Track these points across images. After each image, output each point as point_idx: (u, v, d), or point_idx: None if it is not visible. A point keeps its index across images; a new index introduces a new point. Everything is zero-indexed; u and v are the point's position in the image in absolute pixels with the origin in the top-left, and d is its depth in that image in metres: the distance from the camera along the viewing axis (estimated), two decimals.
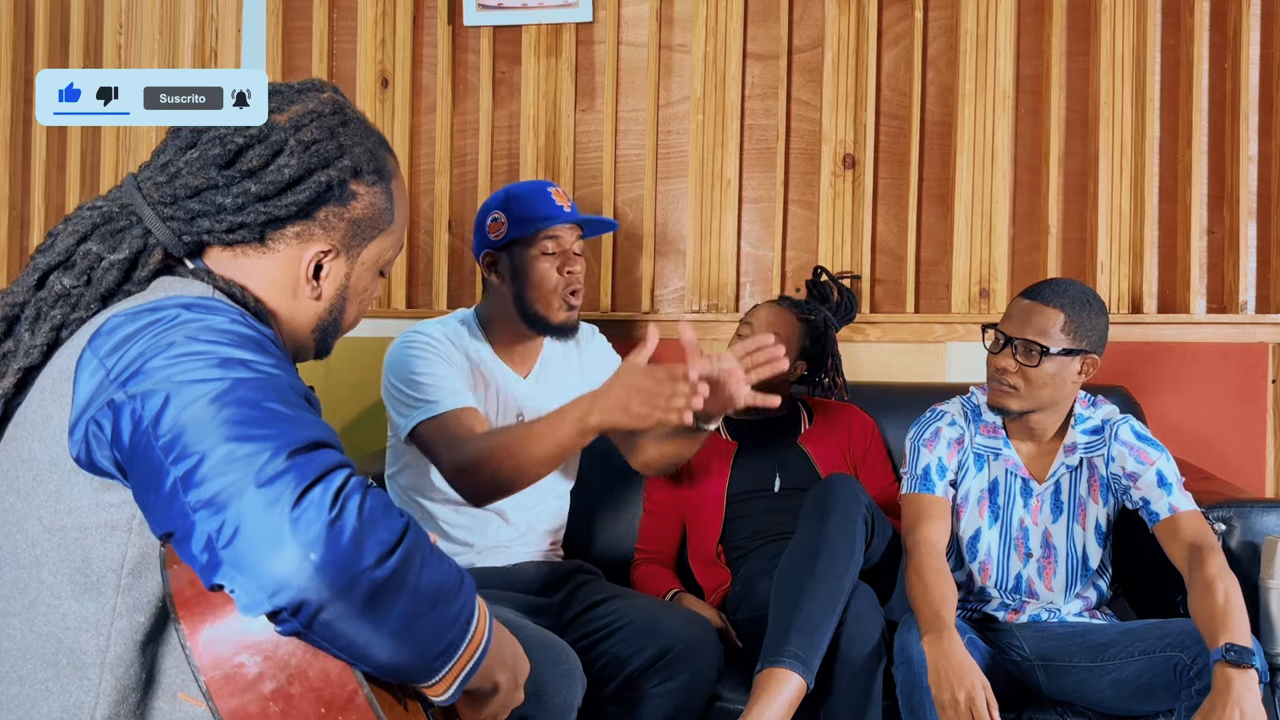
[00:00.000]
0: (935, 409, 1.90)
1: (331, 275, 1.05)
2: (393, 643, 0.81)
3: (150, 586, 0.88)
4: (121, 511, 0.88)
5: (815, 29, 2.47)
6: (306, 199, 1.00)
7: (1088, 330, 1.73)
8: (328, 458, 0.82)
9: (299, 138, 1.01)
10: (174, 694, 0.88)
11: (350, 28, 2.59)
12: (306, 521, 0.77)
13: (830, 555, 1.67)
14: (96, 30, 2.70)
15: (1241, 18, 2.33)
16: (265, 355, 0.88)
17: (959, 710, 1.48)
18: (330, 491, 0.79)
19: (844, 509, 1.71)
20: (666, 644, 1.65)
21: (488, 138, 2.55)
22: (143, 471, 0.83)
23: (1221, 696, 1.42)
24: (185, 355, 0.84)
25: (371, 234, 1.07)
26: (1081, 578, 1.81)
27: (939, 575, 1.68)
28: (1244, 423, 2.34)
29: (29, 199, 2.74)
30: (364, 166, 1.04)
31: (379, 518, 0.81)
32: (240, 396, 0.82)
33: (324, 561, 0.76)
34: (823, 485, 1.79)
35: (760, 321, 2.07)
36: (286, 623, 0.78)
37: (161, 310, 0.89)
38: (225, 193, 0.98)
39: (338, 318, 1.09)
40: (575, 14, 2.49)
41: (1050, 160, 2.40)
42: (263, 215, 0.99)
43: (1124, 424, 1.80)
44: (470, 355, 1.85)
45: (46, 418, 0.91)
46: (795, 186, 2.48)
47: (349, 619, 0.78)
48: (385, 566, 0.79)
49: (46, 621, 0.87)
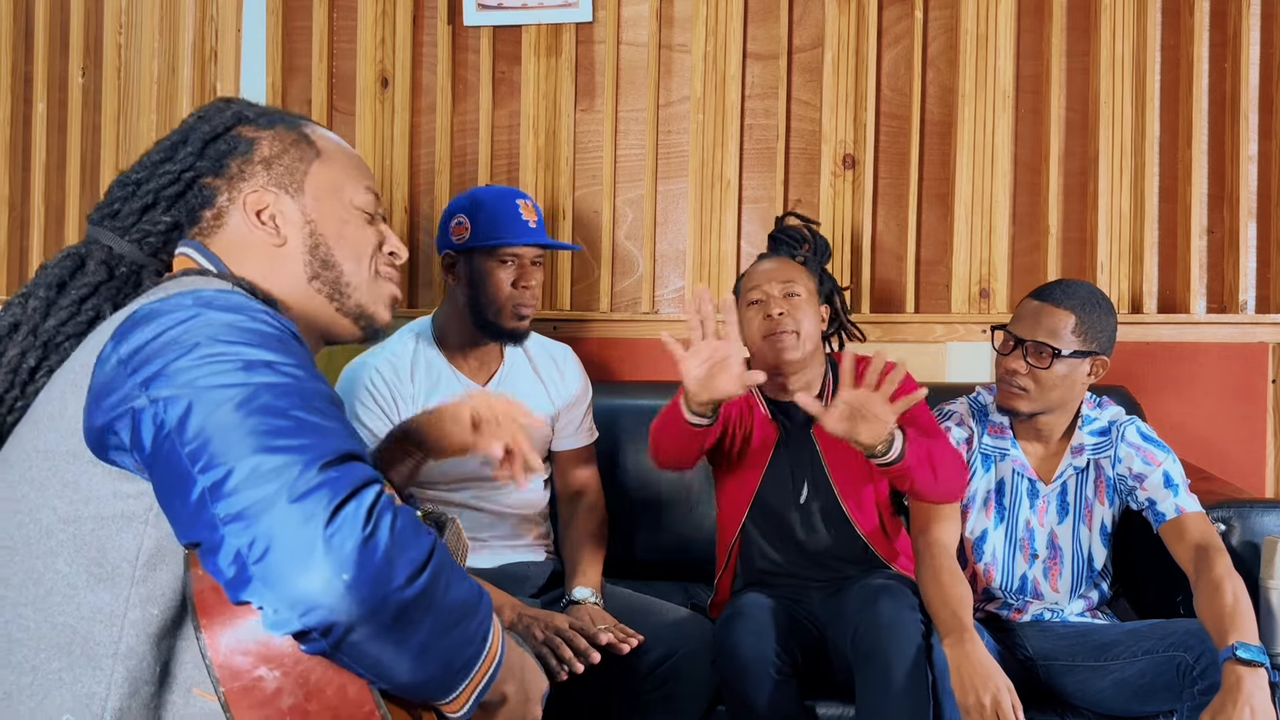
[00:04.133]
0: (942, 408, 1.90)
1: (283, 215, 1.06)
2: (416, 661, 0.81)
3: (165, 579, 0.88)
4: (139, 502, 0.88)
5: (815, 29, 2.47)
6: (196, 150, 1.05)
7: (1098, 332, 1.73)
8: (359, 472, 0.82)
9: (186, 121, 1.11)
10: (189, 689, 0.87)
11: (350, 28, 2.59)
12: (340, 539, 0.76)
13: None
14: (96, 30, 2.70)
15: (1241, 18, 2.34)
16: (288, 355, 0.88)
17: (984, 713, 1.48)
18: (363, 508, 0.79)
19: (907, 670, 1.57)
20: (670, 649, 1.65)
21: (488, 138, 2.55)
22: (167, 476, 0.82)
23: (1232, 694, 1.42)
24: (209, 358, 0.84)
25: (299, 166, 1.07)
26: (1086, 579, 1.81)
27: (954, 577, 1.67)
28: (1244, 423, 2.34)
29: (29, 199, 2.73)
30: (247, 114, 1.09)
31: (410, 536, 0.81)
32: (266, 404, 0.82)
33: (356, 581, 0.76)
34: (873, 638, 1.61)
35: (771, 279, 1.85)
36: (315, 643, 0.78)
37: (183, 307, 0.89)
38: (145, 178, 1.07)
39: (329, 263, 1.07)
40: (575, 14, 2.49)
41: (1050, 160, 2.40)
42: (168, 175, 1.05)
43: (1130, 425, 1.80)
44: (423, 368, 1.88)
45: (64, 409, 0.91)
46: (795, 186, 2.48)
47: (377, 639, 0.78)
48: (415, 586, 0.79)
49: (61, 611, 0.87)
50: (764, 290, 1.84)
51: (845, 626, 1.68)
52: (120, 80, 2.68)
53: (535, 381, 1.96)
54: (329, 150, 1.11)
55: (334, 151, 1.11)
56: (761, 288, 1.85)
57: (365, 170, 1.14)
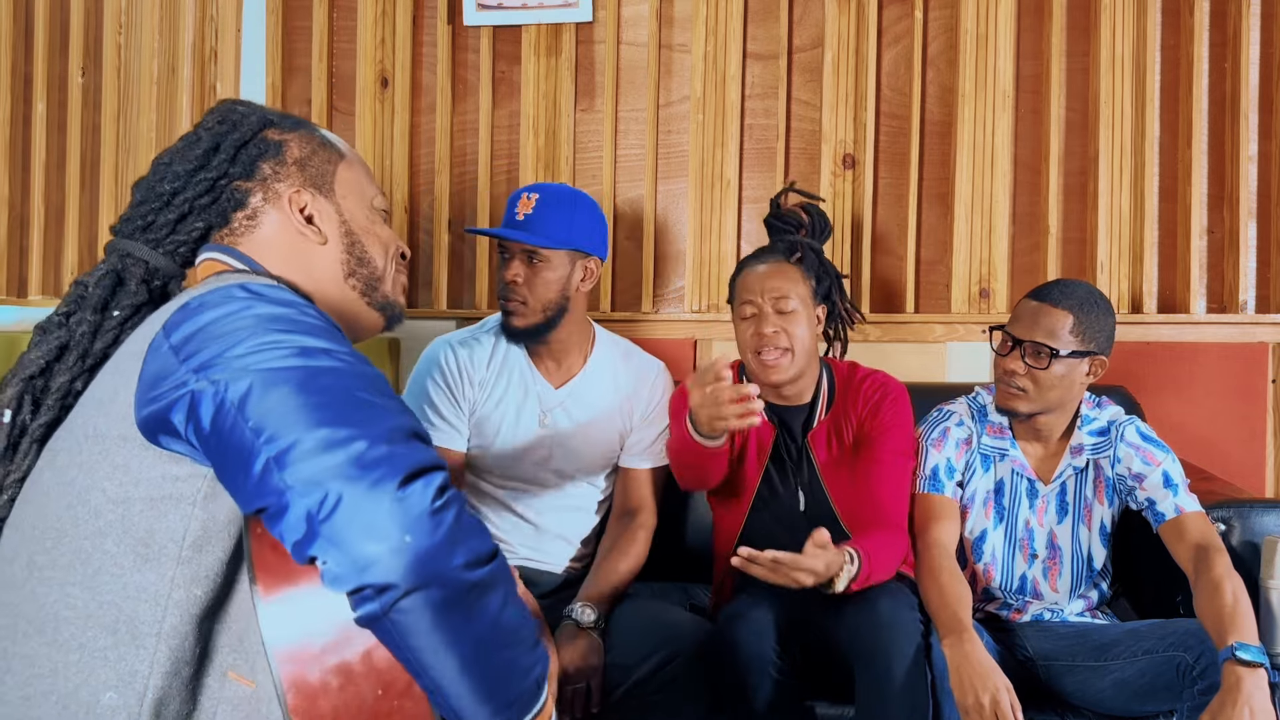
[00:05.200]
0: (942, 408, 1.89)
1: (322, 214, 1.10)
2: (460, 664, 0.81)
3: (210, 561, 0.89)
4: (189, 485, 0.89)
5: (815, 29, 2.47)
6: (229, 156, 1.07)
7: (1096, 331, 1.73)
8: (426, 453, 0.83)
9: (206, 126, 1.11)
10: (224, 672, 0.89)
11: (350, 28, 2.59)
12: (409, 505, 0.78)
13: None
14: (96, 30, 2.70)
15: (1241, 18, 2.34)
16: (342, 344, 0.90)
17: (984, 714, 1.47)
18: (434, 486, 0.81)
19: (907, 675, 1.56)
20: (671, 652, 1.64)
21: (488, 137, 2.55)
22: (229, 453, 0.84)
23: (1232, 694, 1.42)
24: (265, 345, 0.86)
25: (328, 166, 1.12)
26: (1086, 579, 1.81)
27: (953, 577, 1.68)
28: (1244, 423, 2.34)
29: (29, 199, 2.74)
30: (272, 119, 1.12)
31: (475, 530, 0.83)
32: (327, 385, 0.84)
33: (419, 546, 0.77)
34: (872, 638, 1.62)
35: (764, 289, 1.81)
36: (368, 602, 0.79)
37: (235, 298, 0.91)
38: (179, 188, 1.07)
39: (364, 260, 1.12)
40: (575, 14, 2.49)
41: (1050, 160, 2.40)
42: (203, 184, 1.06)
43: (1130, 425, 1.80)
44: (501, 358, 1.89)
45: (114, 394, 0.92)
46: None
47: (426, 615, 0.79)
48: (475, 573, 0.81)
49: (109, 590, 0.88)
50: (756, 304, 1.81)
51: (844, 626, 1.68)
52: (120, 80, 2.68)
53: (610, 393, 1.91)
54: (348, 154, 1.16)
55: (351, 155, 1.16)
56: (754, 300, 1.82)
57: (372, 174, 1.20)
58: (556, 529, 1.93)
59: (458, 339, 1.90)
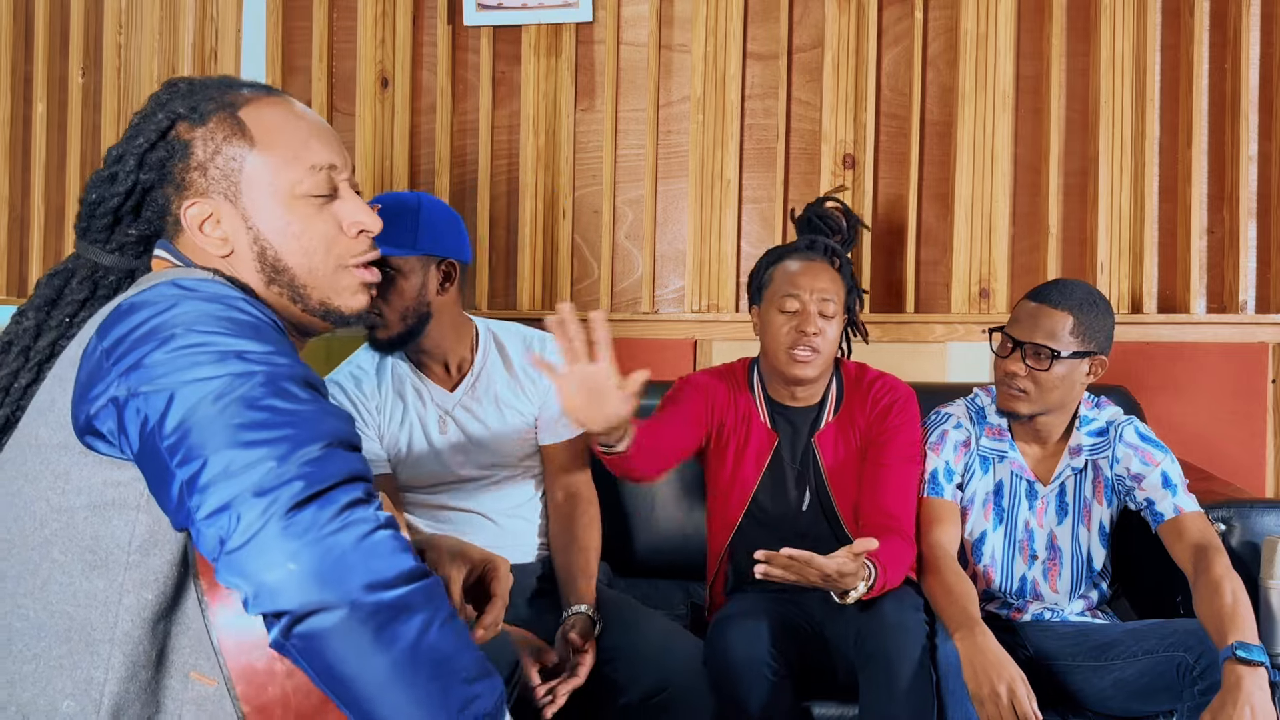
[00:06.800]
0: (940, 411, 1.89)
1: (224, 222, 1.02)
2: (372, 692, 0.79)
3: (157, 564, 0.89)
4: (131, 490, 0.89)
5: (815, 29, 2.47)
6: (134, 165, 1.02)
7: (1095, 331, 1.72)
8: (341, 467, 0.83)
9: (132, 120, 1.06)
10: (186, 673, 0.89)
11: (350, 28, 2.59)
12: (296, 530, 0.78)
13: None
14: (96, 30, 2.70)
15: (1241, 18, 2.34)
16: (265, 342, 0.88)
17: (1000, 704, 1.46)
18: (332, 507, 0.80)
19: (914, 679, 1.56)
20: (662, 680, 1.61)
21: (488, 138, 2.55)
22: (153, 470, 0.85)
23: (1232, 694, 1.42)
24: (185, 349, 0.85)
25: (233, 165, 1.01)
26: (1086, 579, 1.81)
27: (958, 575, 1.68)
28: (1244, 423, 2.34)
29: (29, 199, 2.74)
30: (180, 110, 1.02)
31: (383, 552, 0.81)
32: (242, 395, 0.83)
33: (305, 570, 0.78)
34: (877, 639, 1.62)
35: (812, 288, 1.79)
36: (271, 629, 0.80)
37: (164, 297, 0.90)
38: (102, 197, 1.05)
39: (280, 268, 1.02)
40: (575, 14, 2.49)
41: (1050, 160, 2.40)
42: (116, 197, 1.03)
43: (1128, 425, 1.80)
44: (389, 377, 1.86)
45: (52, 402, 0.93)
46: (795, 186, 2.48)
47: (324, 641, 0.78)
48: (378, 595, 0.79)
49: (60, 599, 0.89)
50: (802, 300, 1.78)
51: (848, 627, 1.68)
52: (120, 80, 2.69)
53: (510, 380, 1.89)
54: (266, 134, 1.02)
55: (273, 133, 1.02)
56: (800, 296, 1.78)
57: (316, 142, 1.04)
58: (513, 519, 1.90)
59: (341, 376, 1.87)
